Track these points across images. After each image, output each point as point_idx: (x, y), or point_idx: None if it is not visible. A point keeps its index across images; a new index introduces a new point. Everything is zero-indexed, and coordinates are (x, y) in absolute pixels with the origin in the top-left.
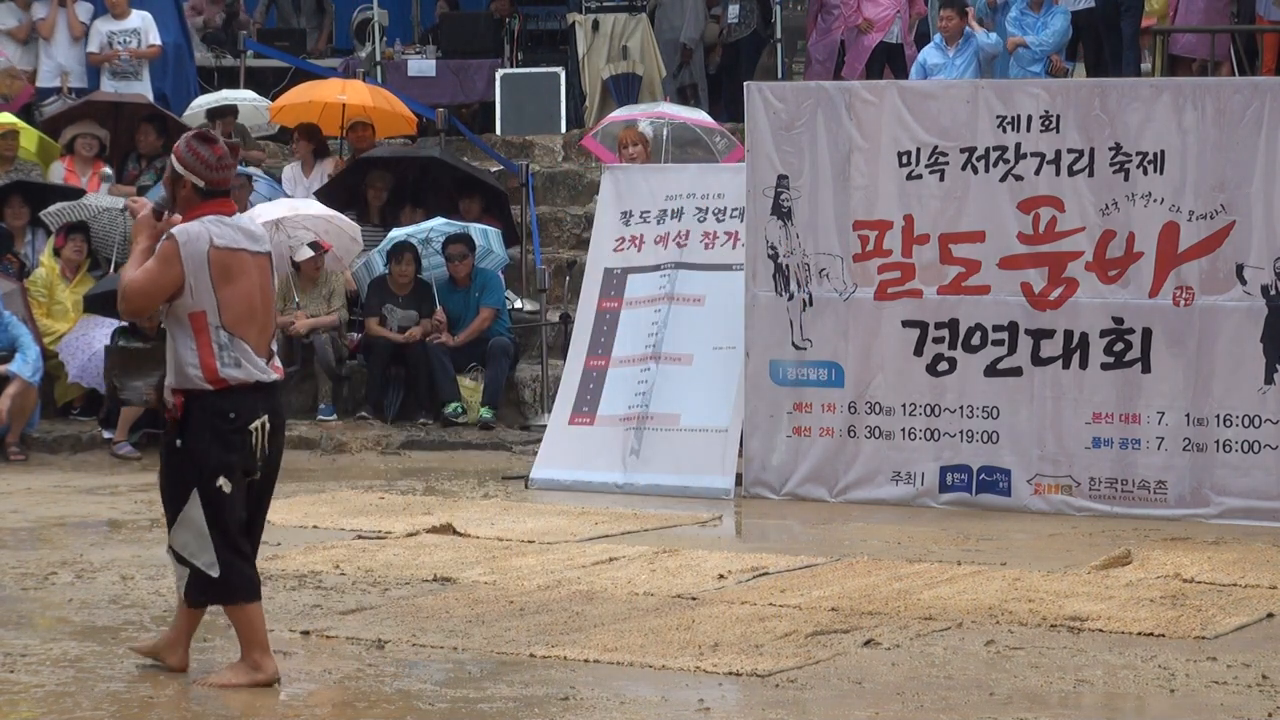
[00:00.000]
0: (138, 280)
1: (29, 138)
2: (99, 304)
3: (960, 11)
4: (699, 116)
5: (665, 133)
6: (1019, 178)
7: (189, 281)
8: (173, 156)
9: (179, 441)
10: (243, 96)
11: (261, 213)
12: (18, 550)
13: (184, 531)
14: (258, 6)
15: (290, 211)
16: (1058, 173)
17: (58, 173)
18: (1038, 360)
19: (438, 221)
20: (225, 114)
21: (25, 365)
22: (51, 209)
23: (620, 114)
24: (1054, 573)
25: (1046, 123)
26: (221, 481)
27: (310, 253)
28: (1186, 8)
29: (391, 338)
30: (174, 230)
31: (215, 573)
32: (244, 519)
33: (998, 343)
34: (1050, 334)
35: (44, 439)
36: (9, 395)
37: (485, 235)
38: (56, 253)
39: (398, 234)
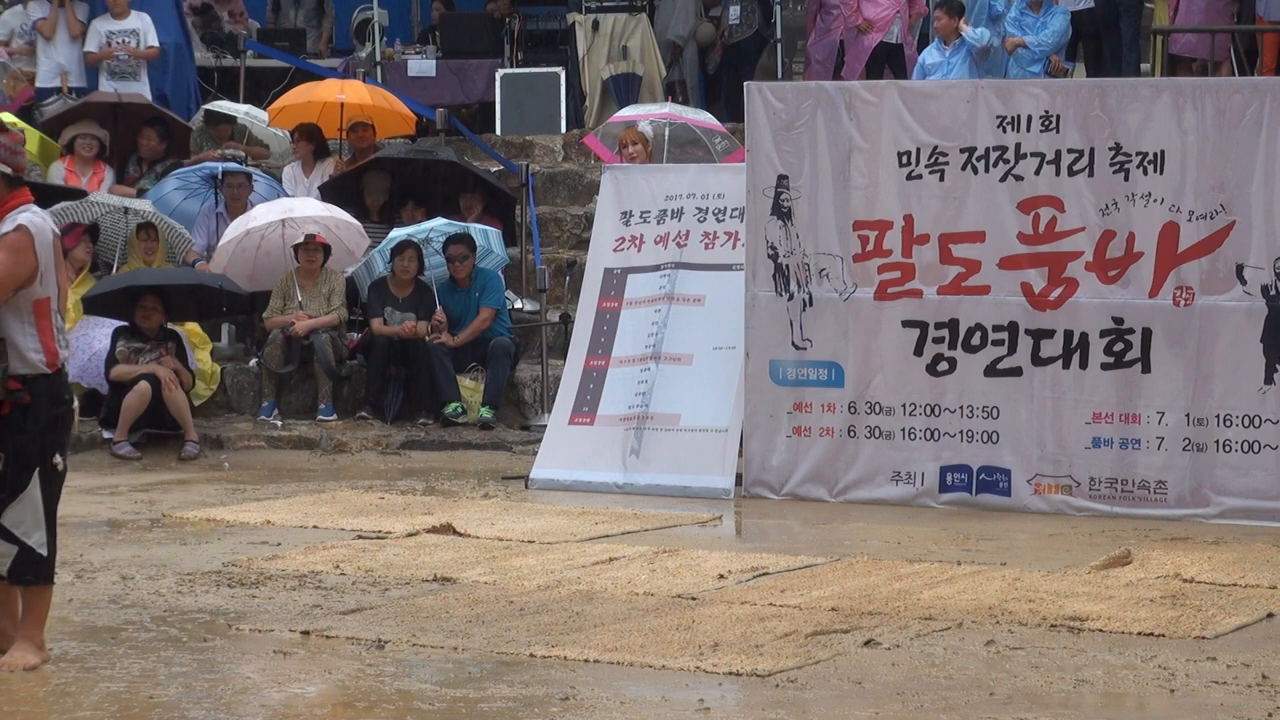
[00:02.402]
0: None
1: (29, 138)
2: (99, 304)
3: (950, 11)
4: (703, 118)
5: (665, 133)
6: (1019, 178)
7: (41, 270)
8: None
9: (25, 425)
10: (262, 118)
11: (259, 214)
12: None
13: (22, 510)
14: (268, 6)
15: (287, 213)
16: (1058, 173)
17: (58, 173)
18: (1038, 360)
19: (438, 222)
20: (220, 120)
21: None
22: (57, 207)
23: (627, 113)
24: (1054, 573)
25: (1046, 123)
26: (57, 459)
27: (300, 238)
28: (1187, 8)
29: (392, 330)
30: (23, 222)
31: (44, 551)
32: None
33: (998, 343)
34: (1050, 334)
35: None
36: None
37: (485, 235)
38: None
39: (398, 234)
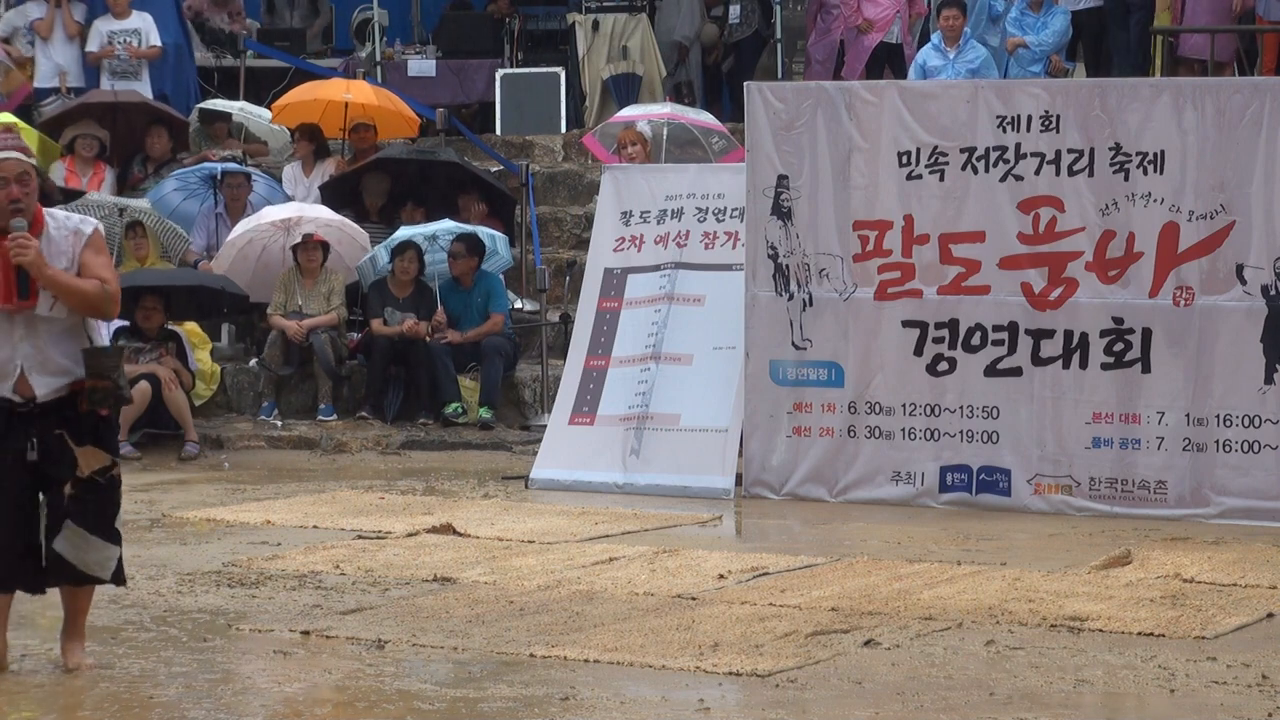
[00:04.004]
0: (114, 277)
1: (29, 138)
2: None
3: (964, 11)
4: (704, 118)
5: (664, 133)
6: (1019, 178)
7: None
8: (21, 155)
9: (116, 421)
10: (258, 114)
11: (267, 214)
12: None
13: (118, 512)
14: (261, 8)
15: (298, 213)
16: (1058, 173)
17: (58, 173)
18: (1038, 360)
19: (446, 224)
20: (216, 119)
21: None
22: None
23: (627, 113)
24: (1054, 573)
25: (1046, 123)
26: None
27: (298, 238)
28: (1192, 10)
29: (392, 330)
30: (96, 222)
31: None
32: None
33: (998, 343)
34: (1050, 334)
35: None
36: None
37: (492, 239)
38: None
39: (404, 234)
